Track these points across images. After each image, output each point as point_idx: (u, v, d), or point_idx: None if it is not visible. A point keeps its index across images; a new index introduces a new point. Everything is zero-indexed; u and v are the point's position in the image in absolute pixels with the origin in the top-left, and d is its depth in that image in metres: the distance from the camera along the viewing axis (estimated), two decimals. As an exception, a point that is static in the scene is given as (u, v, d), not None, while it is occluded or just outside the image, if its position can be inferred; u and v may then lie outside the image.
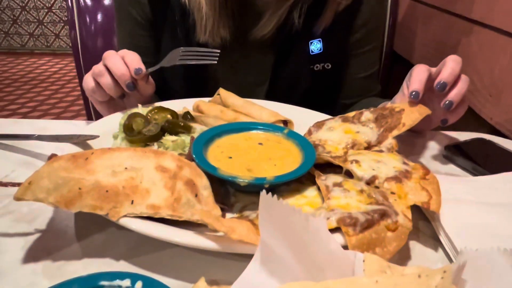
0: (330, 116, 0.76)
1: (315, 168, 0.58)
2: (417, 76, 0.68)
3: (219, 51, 0.81)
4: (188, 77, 1.00)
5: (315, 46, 0.96)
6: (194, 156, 0.55)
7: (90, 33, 1.61)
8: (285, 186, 0.56)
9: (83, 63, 1.61)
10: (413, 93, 0.66)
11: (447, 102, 0.67)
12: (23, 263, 0.46)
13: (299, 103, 0.88)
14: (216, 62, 0.79)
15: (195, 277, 0.40)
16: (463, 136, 0.83)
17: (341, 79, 1.05)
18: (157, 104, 0.76)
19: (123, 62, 0.72)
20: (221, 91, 0.79)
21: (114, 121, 0.71)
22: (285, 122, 0.75)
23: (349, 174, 0.57)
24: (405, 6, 1.54)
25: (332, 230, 0.46)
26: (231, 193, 0.58)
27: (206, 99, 0.81)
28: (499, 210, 0.56)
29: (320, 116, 0.78)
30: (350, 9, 0.97)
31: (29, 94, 3.93)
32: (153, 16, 0.98)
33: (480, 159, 0.72)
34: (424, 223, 0.56)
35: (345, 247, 0.43)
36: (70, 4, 1.60)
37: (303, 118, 0.77)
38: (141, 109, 0.69)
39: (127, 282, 0.38)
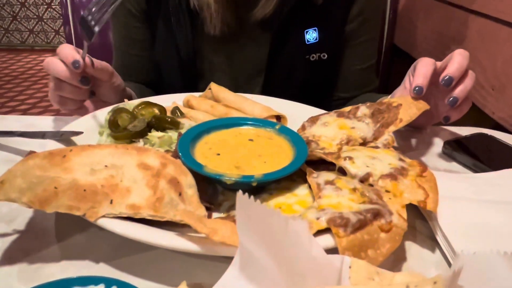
0: (325, 111, 0.73)
1: (308, 165, 0.55)
2: (422, 70, 0.64)
3: None
4: (184, 70, 0.98)
5: (311, 35, 0.93)
6: (179, 153, 0.53)
7: (84, 28, 1.58)
8: (275, 184, 0.53)
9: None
10: (417, 88, 0.63)
11: (452, 98, 0.64)
12: (-2, 265, 0.44)
13: (296, 95, 0.86)
14: None
15: (178, 280, 0.38)
16: (463, 131, 0.80)
17: (338, 71, 1.03)
18: (146, 99, 0.73)
19: (61, 63, 0.68)
20: (213, 85, 0.77)
21: (101, 116, 0.69)
22: (278, 118, 0.73)
23: (343, 172, 0.55)
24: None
25: (322, 231, 0.43)
26: (219, 192, 0.55)
27: (197, 94, 0.78)
28: (501, 208, 0.53)
29: (315, 111, 0.76)
30: None
31: (29, 90, 3.91)
32: (148, 8, 0.96)
33: (481, 155, 0.69)
34: (422, 222, 0.54)
35: (336, 249, 0.41)
36: (64, 0, 1.58)
37: (297, 113, 0.74)
38: (128, 104, 0.67)
39: (101, 286, 0.36)
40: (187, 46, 0.94)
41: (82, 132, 0.61)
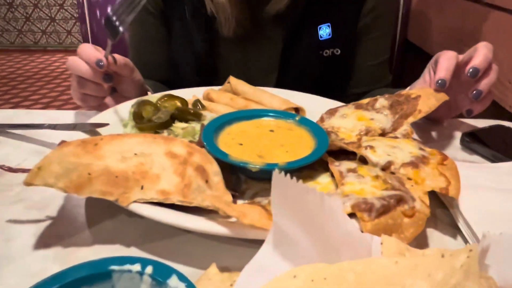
0: (343, 103, 0.74)
1: (328, 155, 0.57)
2: (445, 63, 0.65)
3: None
4: (199, 67, 1.00)
5: (324, 31, 0.94)
6: (204, 142, 0.54)
7: (100, 27, 1.61)
8: (297, 173, 0.54)
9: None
10: (439, 81, 0.64)
11: (476, 91, 0.64)
12: (34, 249, 0.46)
13: (309, 91, 0.87)
14: None
15: (206, 264, 0.39)
16: (480, 123, 0.80)
17: (351, 66, 1.04)
18: (166, 93, 0.75)
19: (84, 63, 0.69)
20: (232, 79, 0.78)
21: (124, 109, 0.71)
22: (297, 110, 0.74)
23: (364, 161, 0.55)
24: (419, -6, 1.50)
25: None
26: (242, 180, 0.56)
27: (216, 88, 0.80)
28: (521, 197, 0.53)
29: (332, 103, 0.76)
30: None
31: (43, 90, 3.98)
32: (165, 6, 0.98)
33: (499, 146, 0.70)
34: (442, 210, 0.54)
35: (360, 233, 0.42)
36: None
37: (314, 105, 0.75)
38: (151, 97, 0.69)
39: (137, 266, 0.38)
40: (203, 45, 0.96)
41: (108, 124, 0.63)
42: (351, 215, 0.44)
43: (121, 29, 0.67)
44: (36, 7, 4.85)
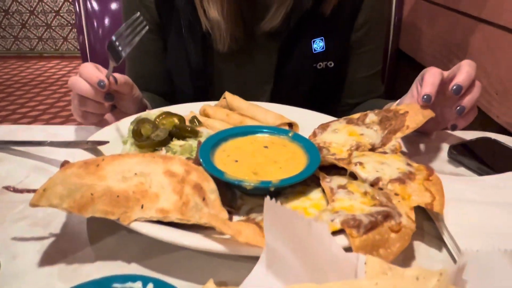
0: (335, 118, 0.77)
1: (320, 170, 0.59)
2: (430, 79, 0.68)
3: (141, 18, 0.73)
4: (194, 79, 1.02)
5: (318, 44, 0.97)
6: (201, 160, 0.56)
7: (98, 37, 1.64)
8: (290, 189, 0.57)
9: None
10: (425, 96, 0.66)
11: (460, 107, 0.67)
12: (39, 266, 0.48)
13: (303, 102, 0.90)
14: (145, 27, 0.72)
15: (204, 279, 0.42)
16: (468, 135, 0.83)
17: (344, 78, 1.06)
18: (165, 109, 0.78)
19: (85, 82, 0.71)
20: (227, 94, 0.81)
21: (123, 126, 0.73)
22: (290, 125, 0.76)
23: (354, 176, 0.58)
24: (410, 4, 1.54)
25: (336, 232, 0.47)
26: (237, 196, 0.59)
27: (212, 103, 0.83)
28: (504, 209, 0.56)
29: (325, 118, 0.79)
30: (351, 7, 0.98)
31: (39, 97, 3.99)
32: (160, 20, 1.00)
33: (486, 159, 0.72)
34: (429, 223, 0.57)
35: (349, 249, 0.45)
36: (77, 9, 1.63)
37: (308, 120, 0.78)
38: (149, 114, 0.71)
39: (138, 284, 0.40)
40: (198, 58, 0.98)
41: (108, 142, 0.65)
42: (341, 230, 0.47)
43: (123, 53, 0.70)
44: (32, 14, 4.86)
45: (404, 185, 0.54)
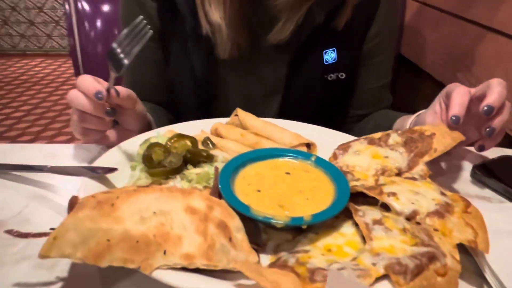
0: (353, 137, 0.73)
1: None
2: (458, 99, 0.64)
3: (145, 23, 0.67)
4: (198, 89, 0.97)
5: (329, 55, 0.93)
6: (223, 194, 0.52)
7: (89, 39, 1.56)
8: (319, 223, 0.53)
9: (84, 70, 1.56)
10: (454, 118, 0.63)
11: (490, 129, 0.64)
12: (48, 319, 0.43)
13: (312, 115, 0.86)
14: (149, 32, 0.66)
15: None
16: (489, 153, 0.80)
17: (354, 89, 1.03)
18: (173, 127, 0.72)
19: (84, 96, 0.65)
20: (239, 112, 0.76)
21: (129, 148, 0.68)
22: (308, 145, 0.72)
23: (385, 206, 0.54)
24: (412, 9, 1.51)
25: (379, 278, 0.43)
26: (261, 229, 0.54)
27: (224, 120, 0.78)
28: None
29: (343, 137, 0.75)
30: (365, 17, 0.94)
31: (23, 97, 3.85)
32: (162, 27, 0.95)
33: (510, 180, 0.70)
34: (465, 256, 0.54)
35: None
36: (68, 10, 1.55)
37: (325, 139, 0.74)
38: (159, 136, 0.66)
39: None
40: (202, 66, 0.93)
41: (117, 169, 0.60)
42: (384, 276, 0.43)
43: (126, 61, 0.64)
44: (14, 10, 4.69)
45: (443, 219, 0.50)
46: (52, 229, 0.44)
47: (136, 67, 1.01)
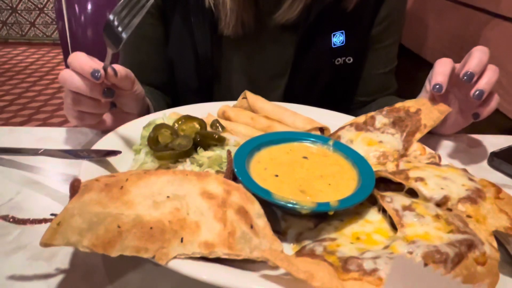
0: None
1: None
2: (440, 69, 0.64)
3: None
4: (200, 69, 0.92)
5: (338, 38, 0.89)
6: (241, 178, 0.47)
7: (80, 23, 1.49)
8: (344, 209, 0.49)
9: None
10: (437, 86, 0.62)
11: (478, 92, 0.62)
12: (48, 316, 0.38)
13: (317, 100, 0.83)
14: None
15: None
16: (500, 139, 0.78)
17: (361, 75, 1.00)
18: (178, 110, 0.68)
19: (78, 76, 0.60)
20: (248, 94, 0.72)
21: (130, 131, 0.62)
22: (321, 129, 0.68)
23: (410, 192, 0.51)
24: (414, -2, 1.48)
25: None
26: (279, 216, 0.51)
27: (231, 103, 0.73)
28: None
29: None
30: (374, 1, 0.90)
31: (5, 86, 3.70)
32: (163, 4, 0.89)
33: (529, 167, 0.67)
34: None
35: None
36: (56, -8, 1.48)
37: (335, 123, 0.70)
38: (165, 118, 0.61)
39: None
40: (205, 43, 0.88)
41: (120, 152, 0.55)
42: (421, 265, 0.40)
43: (124, 35, 0.59)
44: (-5, -4, 4.50)
45: (476, 205, 0.47)
46: (53, 214, 0.39)
47: (133, 46, 0.94)
